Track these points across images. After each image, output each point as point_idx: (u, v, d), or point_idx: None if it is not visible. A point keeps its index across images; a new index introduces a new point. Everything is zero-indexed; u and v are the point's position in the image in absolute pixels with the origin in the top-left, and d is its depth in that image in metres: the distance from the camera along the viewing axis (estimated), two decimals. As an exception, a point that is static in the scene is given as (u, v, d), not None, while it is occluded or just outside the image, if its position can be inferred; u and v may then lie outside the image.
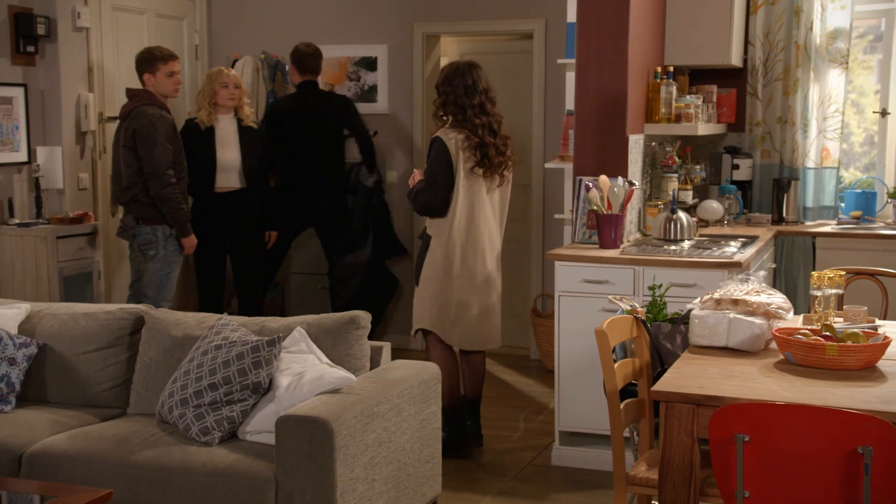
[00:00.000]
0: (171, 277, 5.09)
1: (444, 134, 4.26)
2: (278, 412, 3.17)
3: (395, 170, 6.42)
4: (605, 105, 4.57)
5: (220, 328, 3.45)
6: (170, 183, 4.93)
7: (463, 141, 4.25)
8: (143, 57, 5.04)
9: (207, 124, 5.32)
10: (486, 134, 4.26)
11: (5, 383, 3.53)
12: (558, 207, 5.90)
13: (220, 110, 5.35)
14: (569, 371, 4.30)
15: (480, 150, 4.25)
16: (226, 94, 5.31)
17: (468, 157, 4.25)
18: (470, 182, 4.27)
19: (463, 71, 4.30)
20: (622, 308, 3.39)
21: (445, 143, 4.23)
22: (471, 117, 4.25)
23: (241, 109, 5.40)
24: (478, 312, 4.35)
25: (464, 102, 4.25)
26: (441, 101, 4.31)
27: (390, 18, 6.36)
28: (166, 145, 4.91)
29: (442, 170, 4.23)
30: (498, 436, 4.73)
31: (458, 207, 4.26)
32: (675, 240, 4.51)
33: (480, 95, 4.28)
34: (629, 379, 3.08)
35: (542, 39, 6.10)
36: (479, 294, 4.35)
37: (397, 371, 3.48)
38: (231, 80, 5.33)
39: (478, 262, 4.33)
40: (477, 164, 4.25)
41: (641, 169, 4.82)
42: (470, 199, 4.29)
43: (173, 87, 5.06)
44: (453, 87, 4.27)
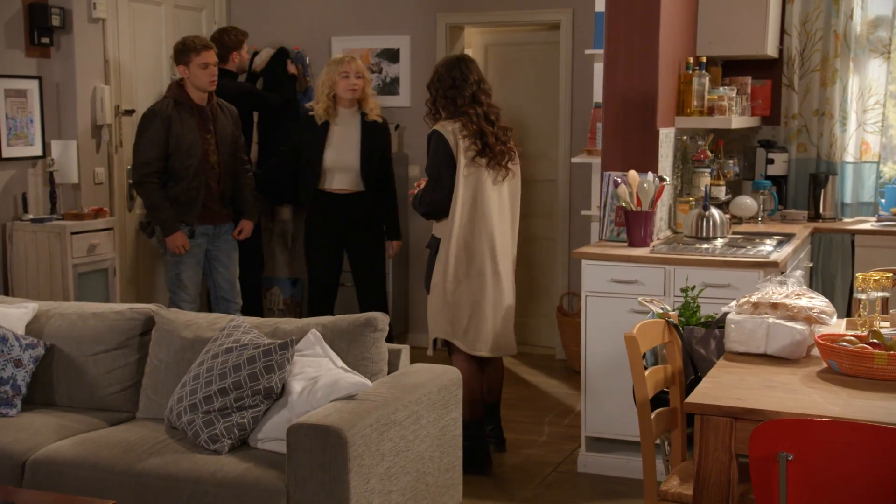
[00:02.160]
0: (184, 278, 4.92)
1: (441, 126, 4.10)
2: (291, 419, 3.02)
3: (418, 164, 6.26)
4: (634, 97, 4.39)
5: (232, 330, 3.31)
6: (143, 180, 4.80)
7: (460, 130, 4.07)
8: (177, 48, 4.88)
9: (323, 118, 5.00)
10: (483, 122, 4.08)
11: (11, 386, 3.41)
12: (585, 203, 5.71)
13: (340, 103, 5.00)
14: (596, 374, 4.13)
15: (479, 138, 4.07)
16: (346, 85, 4.93)
17: (468, 146, 4.06)
18: (471, 173, 4.07)
19: (451, 65, 4.16)
20: (653, 311, 3.22)
21: (443, 135, 4.06)
22: (462, 106, 4.08)
23: (365, 102, 5.01)
24: (491, 315, 4.15)
25: (453, 94, 4.09)
26: (432, 99, 4.16)
27: (413, 9, 6.20)
28: (151, 141, 4.77)
29: (444, 163, 4.05)
30: (522, 440, 4.57)
31: (460, 201, 4.06)
32: (708, 238, 4.32)
33: (472, 87, 4.11)
34: (660, 387, 2.91)
35: (570, 30, 5.91)
36: (492, 295, 4.14)
37: (416, 375, 3.32)
38: (352, 70, 4.94)
39: (486, 261, 4.12)
40: (478, 154, 4.06)
41: (672, 164, 4.63)
42: (472, 193, 4.09)
43: (208, 79, 4.85)
44: (441, 82, 4.13)
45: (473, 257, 4.10)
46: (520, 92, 6.29)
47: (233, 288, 5.13)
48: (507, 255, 4.22)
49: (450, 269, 4.08)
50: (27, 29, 5.12)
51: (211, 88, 4.90)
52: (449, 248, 4.08)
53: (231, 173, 5.04)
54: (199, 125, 4.89)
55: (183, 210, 4.86)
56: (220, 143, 4.95)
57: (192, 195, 4.86)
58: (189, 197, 4.87)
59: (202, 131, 4.89)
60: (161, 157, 4.80)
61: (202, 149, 4.88)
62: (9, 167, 5.06)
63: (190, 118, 4.86)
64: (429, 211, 4.17)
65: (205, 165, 4.89)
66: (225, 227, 5.08)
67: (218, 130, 4.95)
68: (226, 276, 5.09)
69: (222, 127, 4.99)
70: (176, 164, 4.82)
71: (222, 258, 5.08)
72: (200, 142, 4.87)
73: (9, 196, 5.07)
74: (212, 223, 4.99)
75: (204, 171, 4.89)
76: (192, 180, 4.85)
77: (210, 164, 4.91)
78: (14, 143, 5.07)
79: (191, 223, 4.89)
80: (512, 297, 4.25)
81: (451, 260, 4.08)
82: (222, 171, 4.97)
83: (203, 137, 4.89)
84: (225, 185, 5.00)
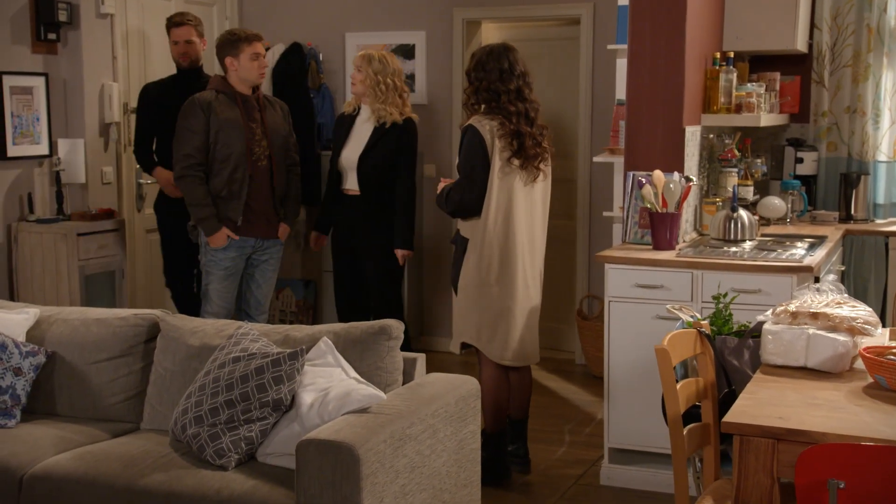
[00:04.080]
0: (210, 290, 4.61)
1: (478, 122, 3.89)
2: (301, 433, 2.87)
3: (434, 163, 6.11)
4: (659, 94, 4.22)
5: (240, 338, 3.16)
6: (184, 174, 4.51)
7: (497, 128, 3.89)
8: (224, 39, 4.62)
9: (348, 112, 4.81)
10: (522, 122, 3.90)
11: (10, 395, 3.27)
12: (606, 204, 5.53)
13: (358, 99, 4.77)
14: (620, 383, 3.96)
15: (516, 139, 3.89)
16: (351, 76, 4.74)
17: (503, 146, 3.87)
18: (505, 175, 3.90)
19: (498, 54, 3.93)
20: (683, 320, 3.04)
21: (480, 132, 3.87)
22: (505, 104, 3.88)
23: (365, 99, 4.73)
24: (521, 322, 3.99)
25: (498, 88, 3.88)
26: (473, 88, 3.93)
27: (429, 4, 6.04)
28: (191, 132, 4.50)
29: (478, 161, 3.85)
30: (542, 449, 4.40)
31: (493, 203, 3.88)
32: (736, 240, 4.15)
33: (518, 80, 3.92)
34: (692, 401, 2.73)
35: (590, 24, 5.74)
36: (521, 301, 3.99)
37: (432, 386, 3.16)
38: (354, 63, 4.71)
39: (518, 265, 3.95)
40: (513, 155, 3.89)
41: (698, 163, 4.45)
42: (507, 195, 3.92)
43: (258, 70, 4.59)
44: (487, 72, 3.89)
45: (505, 262, 3.93)
46: (538, 89, 5.93)
47: (259, 306, 4.81)
48: (537, 260, 4.06)
49: (480, 272, 3.91)
50: (33, 24, 5.00)
51: (259, 81, 4.64)
52: (480, 251, 3.90)
53: (284, 171, 4.72)
54: (242, 113, 4.56)
55: (225, 206, 4.55)
56: (268, 134, 4.61)
57: (234, 188, 4.52)
58: (231, 191, 4.53)
59: (246, 119, 4.57)
60: (202, 149, 4.51)
61: (245, 137, 4.53)
62: (14, 166, 4.94)
63: (233, 106, 4.56)
64: (456, 210, 3.96)
65: (249, 156, 4.53)
66: (269, 244, 4.72)
67: (266, 121, 4.64)
68: (255, 294, 4.79)
69: (271, 118, 4.67)
70: (217, 154, 4.52)
71: (256, 276, 4.75)
72: (243, 129, 4.54)
73: (14, 196, 4.94)
74: (254, 235, 4.64)
75: (248, 163, 4.53)
76: (233, 171, 4.51)
77: (256, 154, 4.56)
78: (20, 141, 4.94)
79: (234, 219, 4.56)
80: (539, 304, 4.08)
81: (482, 263, 3.90)
82: (273, 164, 4.62)
83: (247, 126, 4.55)
84: (277, 181, 4.65)
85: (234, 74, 4.58)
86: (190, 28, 5.02)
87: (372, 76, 4.65)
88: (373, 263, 4.79)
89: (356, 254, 4.83)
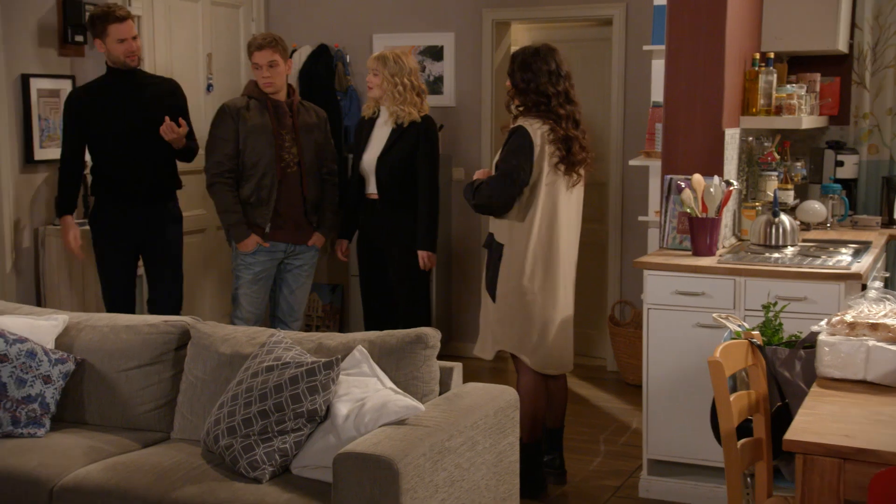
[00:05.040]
0: (239, 295, 4.56)
1: (529, 124, 3.78)
2: (336, 445, 2.79)
3: (462, 166, 6.02)
4: (698, 96, 4.11)
5: (273, 346, 3.08)
6: (213, 181, 4.50)
7: (548, 133, 3.79)
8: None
9: (367, 115, 4.70)
10: (570, 126, 3.81)
11: (39, 404, 3.21)
12: (639, 208, 5.44)
13: (376, 102, 4.68)
14: (659, 392, 3.86)
15: (565, 144, 3.80)
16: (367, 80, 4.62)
17: (553, 151, 3.79)
18: (552, 181, 3.81)
19: (544, 54, 3.82)
20: (731, 329, 2.94)
21: (530, 134, 3.77)
22: (555, 107, 3.79)
23: (382, 102, 4.62)
24: (561, 330, 3.90)
25: (547, 90, 3.78)
26: (519, 89, 3.83)
27: (458, 4, 5.95)
28: (220, 139, 4.49)
29: (524, 162, 3.73)
30: (578, 460, 4.30)
31: (539, 210, 3.80)
32: (777, 246, 4.03)
33: (564, 81, 3.83)
34: (744, 415, 2.63)
35: (623, 25, 5.63)
36: (562, 310, 3.90)
37: (471, 397, 3.07)
38: (369, 67, 4.59)
39: (560, 273, 3.86)
40: (561, 160, 3.80)
41: (737, 166, 4.34)
42: (552, 201, 3.82)
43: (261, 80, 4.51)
44: (535, 73, 3.78)
45: (548, 270, 3.83)
46: (569, 91, 6.00)
47: (293, 312, 4.74)
48: (573, 267, 3.96)
49: (523, 279, 3.81)
50: (61, 27, 4.94)
51: (266, 90, 4.52)
52: (524, 257, 3.80)
53: (316, 178, 4.63)
54: (272, 118, 4.51)
55: (253, 211, 4.50)
56: (300, 140, 4.54)
57: (263, 195, 4.48)
58: (260, 197, 4.49)
59: (276, 125, 4.51)
60: (232, 156, 4.48)
61: (274, 143, 4.47)
62: (42, 170, 4.88)
63: (263, 111, 4.51)
64: (481, 205, 3.83)
65: (278, 162, 4.48)
66: (301, 249, 4.65)
67: (298, 127, 4.57)
68: (287, 299, 4.72)
69: (304, 125, 4.59)
70: (246, 161, 4.48)
71: (290, 281, 4.68)
72: (273, 135, 4.48)
73: (41, 200, 4.88)
74: (284, 241, 4.58)
75: (277, 169, 4.48)
76: (262, 177, 4.47)
77: (285, 161, 4.50)
78: (47, 144, 4.88)
79: (262, 225, 4.52)
80: (573, 311, 3.99)
81: (525, 270, 3.80)
82: (303, 171, 4.56)
83: (277, 132, 4.49)
84: (308, 189, 4.59)
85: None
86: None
87: (389, 78, 4.56)
88: (396, 267, 4.70)
89: (380, 258, 4.74)
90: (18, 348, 3.23)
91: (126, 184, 4.45)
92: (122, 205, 4.47)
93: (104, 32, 4.36)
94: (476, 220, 5.95)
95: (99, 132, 4.42)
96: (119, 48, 4.37)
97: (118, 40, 4.37)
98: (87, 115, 4.42)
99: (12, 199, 4.70)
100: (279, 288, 4.72)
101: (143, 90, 4.47)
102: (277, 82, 4.54)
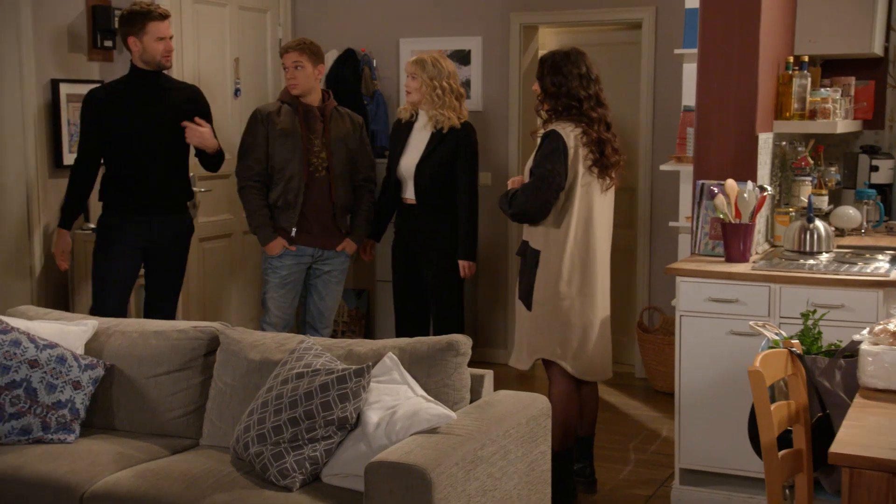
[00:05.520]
0: (267, 299, 4.56)
1: (562, 128, 3.75)
2: (367, 454, 2.76)
3: (490, 171, 5.98)
4: (731, 100, 4.05)
5: (303, 353, 3.06)
6: (243, 185, 4.54)
7: (581, 136, 3.76)
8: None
9: (404, 118, 4.69)
10: (602, 129, 3.78)
11: (69, 409, 3.20)
12: (668, 213, 5.38)
13: (414, 105, 4.62)
14: (691, 400, 3.80)
15: (598, 147, 3.76)
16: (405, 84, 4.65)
17: (586, 154, 3.75)
18: (586, 184, 3.78)
19: (574, 58, 3.80)
20: (768, 338, 2.88)
21: (564, 139, 3.74)
22: (587, 110, 3.75)
23: (420, 106, 4.61)
24: (600, 335, 3.87)
25: (579, 93, 3.75)
26: (549, 93, 3.79)
27: (485, 8, 5.92)
28: (251, 143, 4.53)
29: (559, 167, 3.69)
30: (607, 468, 4.25)
31: (575, 215, 3.76)
32: (812, 252, 3.96)
33: (595, 85, 3.80)
34: (784, 426, 2.58)
35: (652, 29, 5.58)
36: (600, 314, 3.86)
37: (503, 405, 3.03)
38: (408, 71, 4.58)
39: (597, 278, 3.83)
40: (594, 164, 3.77)
41: (770, 171, 4.28)
42: (587, 204, 3.79)
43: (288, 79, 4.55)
44: (565, 77, 3.75)
45: (586, 273, 3.80)
46: (597, 95, 5.95)
47: (322, 317, 4.71)
48: (608, 270, 3.93)
49: (560, 284, 3.77)
50: (90, 31, 4.95)
51: (291, 91, 4.53)
52: (561, 262, 3.76)
53: (346, 184, 4.62)
54: (302, 123, 4.51)
55: (280, 215, 4.51)
56: (330, 146, 4.53)
57: (290, 198, 4.48)
58: (287, 201, 4.49)
59: (306, 130, 4.51)
60: (261, 160, 4.49)
61: (302, 147, 4.47)
62: (70, 174, 4.89)
63: (293, 116, 4.52)
64: (518, 213, 3.78)
65: (306, 167, 4.48)
66: (330, 254, 4.63)
67: (330, 132, 4.56)
68: (317, 304, 4.70)
69: (337, 130, 4.58)
70: (274, 165, 4.50)
71: (319, 287, 4.67)
72: (300, 140, 4.49)
73: (70, 205, 4.89)
74: (311, 245, 4.58)
75: (304, 174, 4.48)
76: (289, 181, 4.47)
77: (313, 165, 4.50)
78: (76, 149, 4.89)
79: (288, 228, 4.51)
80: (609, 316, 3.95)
81: (563, 274, 3.76)
82: (332, 177, 4.54)
83: (306, 136, 4.50)
84: (337, 194, 4.57)
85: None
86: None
87: (428, 82, 4.53)
88: (433, 272, 4.67)
89: (416, 264, 4.72)
90: (49, 354, 3.23)
91: (139, 189, 4.30)
92: (134, 211, 4.32)
93: (143, 30, 4.25)
94: (505, 227, 5.91)
95: (118, 132, 4.28)
96: (158, 46, 4.27)
97: (157, 38, 4.27)
98: (107, 115, 4.29)
99: (42, 204, 4.71)
100: (309, 294, 4.71)
101: (166, 94, 4.40)
102: (302, 84, 4.52)
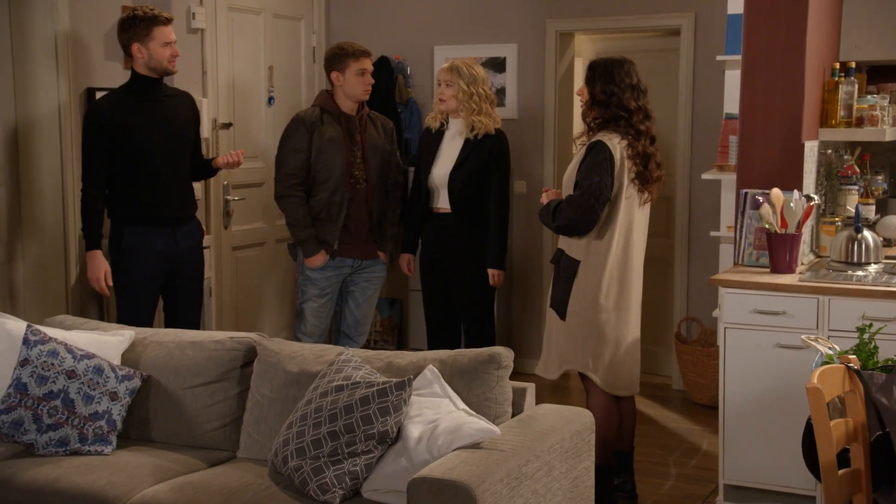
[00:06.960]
0: (304, 308, 4.54)
1: (609, 139, 3.68)
2: (408, 468, 2.70)
3: (524, 179, 5.91)
4: (776, 107, 3.97)
5: (342, 365, 3.01)
6: (285, 193, 4.48)
7: (626, 148, 3.69)
8: (331, 53, 4.53)
9: (434, 127, 4.63)
10: (647, 143, 3.71)
11: (106, 421, 3.17)
12: (708, 223, 5.29)
13: (443, 113, 4.59)
14: (736, 414, 3.71)
15: (642, 161, 3.69)
16: (437, 93, 4.56)
17: (630, 166, 3.69)
18: (628, 197, 3.71)
19: (628, 68, 3.72)
20: (821, 352, 2.79)
21: (611, 150, 3.67)
22: (636, 123, 3.68)
23: (457, 114, 4.55)
24: (631, 350, 3.80)
25: (629, 105, 3.68)
26: (598, 101, 3.72)
27: (521, 15, 5.86)
28: (294, 150, 4.46)
29: (606, 178, 3.62)
30: (648, 483, 4.16)
31: (618, 227, 3.70)
32: (860, 263, 3.87)
33: (644, 97, 3.72)
34: (842, 444, 2.49)
35: (691, 35, 5.49)
36: (634, 328, 3.79)
37: (546, 420, 2.96)
38: (441, 78, 4.51)
39: (633, 293, 3.77)
40: (637, 176, 3.70)
41: (816, 180, 4.18)
42: (628, 217, 3.73)
43: (363, 87, 4.49)
44: (618, 86, 3.68)
45: (623, 287, 3.73)
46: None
47: (358, 326, 4.69)
48: (641, 286, 3.85)
49: (599, 297, 3.70)
50: (126, 40, 4.93)
51: (364, 98, 4.54)
52: (601, 274, 3.69)
53: (382, 193, 4.62)
54: (344, 134, 4.49)
55: (323, 228, 4.49)
56: (367, 156, 4.52)
57: (333, 211, 4.47)
58: (330, 213, 4.47)
59: (348, 141, 4.49)
60: (304, 168, 4.46)
61: (346, 159, 4.47)
62: (105, 183, 4.87)
63: (335, 126, 4.50)
64: (565, 226, 3.69)
65: (348, 178, 4.47)
66: (367, 264, 4.62)
67: (367, 142, 4.54)
68: (353, 312, 4.68)
69: (371, 139, 4.57)
70: (317, 175, 4.47)
71: (356, 294, 4.66)
72: (344, 152, 4.47)
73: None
74: (352, 256, 4.57)
75: (347, 185, 4.47)
76: (332, 193, 4.45)
77: (355, 177, 4.49)
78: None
79: (331, 242, 4.50)
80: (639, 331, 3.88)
81: (602, 287, 3.70)
82: (370, 187, 4.54)
83: (348, 147, 4.48)
84: (374, 204, 4.57)
85: (338, 90, 4.49)
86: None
87: (465, 89, 4.48)
88: (463, 283, 4.60)
89: (446, 273, 4.66)
90: (86, 364, 3.20)
91: (162, 202, 4.17)
92: (157, 224, 4.17)
93: (148, 36, 4.13)
94: (539, 236, 5.84)
95: (136, 146, 4.12)
96: (164, 52, 4.15)
97: (164, 43, 4.15)
98: (120, 128, 4.11)
99: (78, 213, 4.70)
100: (345, 301, 4.68)
101: (170, 102, 4.32)
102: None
